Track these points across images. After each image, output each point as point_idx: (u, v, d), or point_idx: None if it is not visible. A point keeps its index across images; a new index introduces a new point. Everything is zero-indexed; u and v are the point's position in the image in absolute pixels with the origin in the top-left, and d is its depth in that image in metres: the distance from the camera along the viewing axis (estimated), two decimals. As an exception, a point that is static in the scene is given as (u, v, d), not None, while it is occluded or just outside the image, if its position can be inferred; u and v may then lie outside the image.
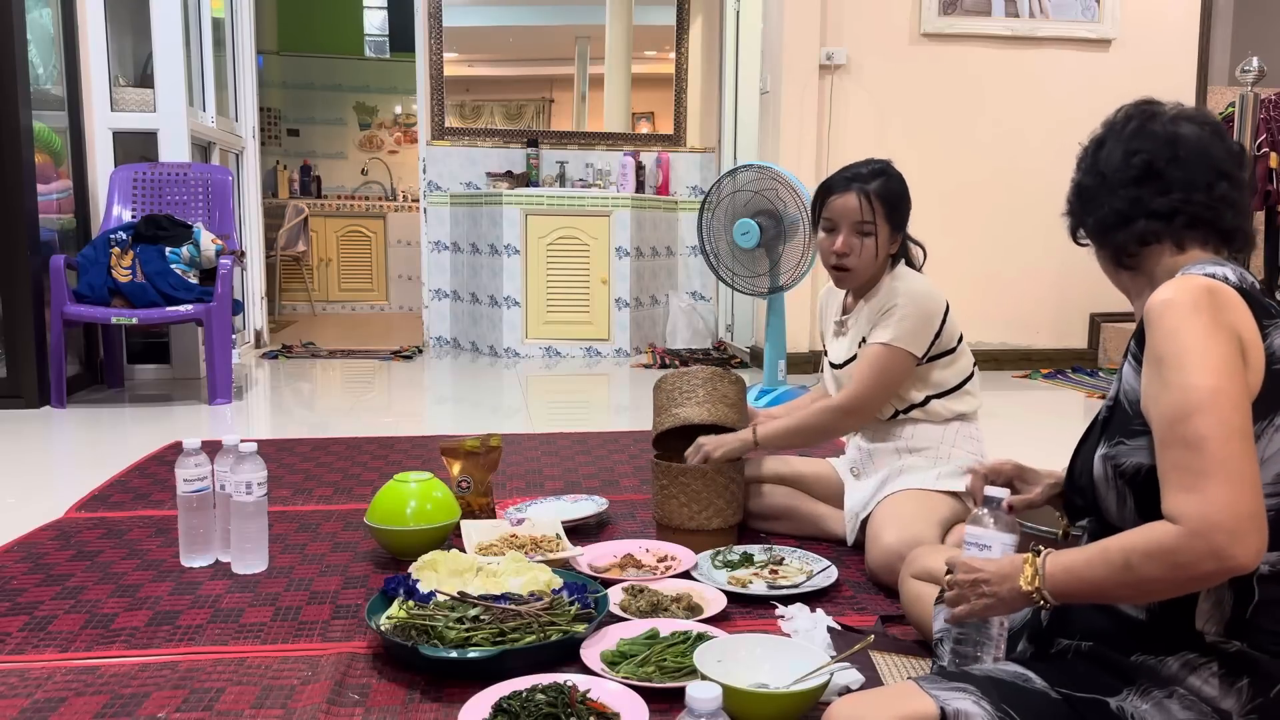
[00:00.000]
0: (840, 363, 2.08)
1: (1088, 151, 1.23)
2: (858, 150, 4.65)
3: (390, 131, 8.63)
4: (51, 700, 1.41)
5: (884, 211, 1.97)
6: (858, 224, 1.97)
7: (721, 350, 5.40)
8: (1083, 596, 1.07)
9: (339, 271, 8.12)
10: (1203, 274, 1.08)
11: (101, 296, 3.72)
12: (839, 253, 2.00)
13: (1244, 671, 1.03)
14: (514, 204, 5.18)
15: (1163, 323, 1.04)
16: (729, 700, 1.12)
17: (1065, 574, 1.06)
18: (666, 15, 5.88)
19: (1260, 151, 3.93)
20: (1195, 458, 0.99)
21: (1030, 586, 1.08)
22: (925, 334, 1.95)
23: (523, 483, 2.66)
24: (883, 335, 1.95)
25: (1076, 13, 4.72)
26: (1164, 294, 1.06)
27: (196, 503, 1.97)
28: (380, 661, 1.54)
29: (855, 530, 2.02)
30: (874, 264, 2.00)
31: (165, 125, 4.32)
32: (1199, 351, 1.01)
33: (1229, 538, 0.96)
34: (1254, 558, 0.97)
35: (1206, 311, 1.03)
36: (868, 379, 1.95)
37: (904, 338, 1.93)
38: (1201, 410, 0.99)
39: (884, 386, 1.96)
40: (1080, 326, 4.91)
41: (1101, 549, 1.04)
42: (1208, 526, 0.96)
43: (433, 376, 4.84)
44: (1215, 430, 0.98)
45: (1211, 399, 0.99)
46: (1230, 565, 0.96)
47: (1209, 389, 1.00)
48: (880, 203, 1.97)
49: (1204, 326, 1.02)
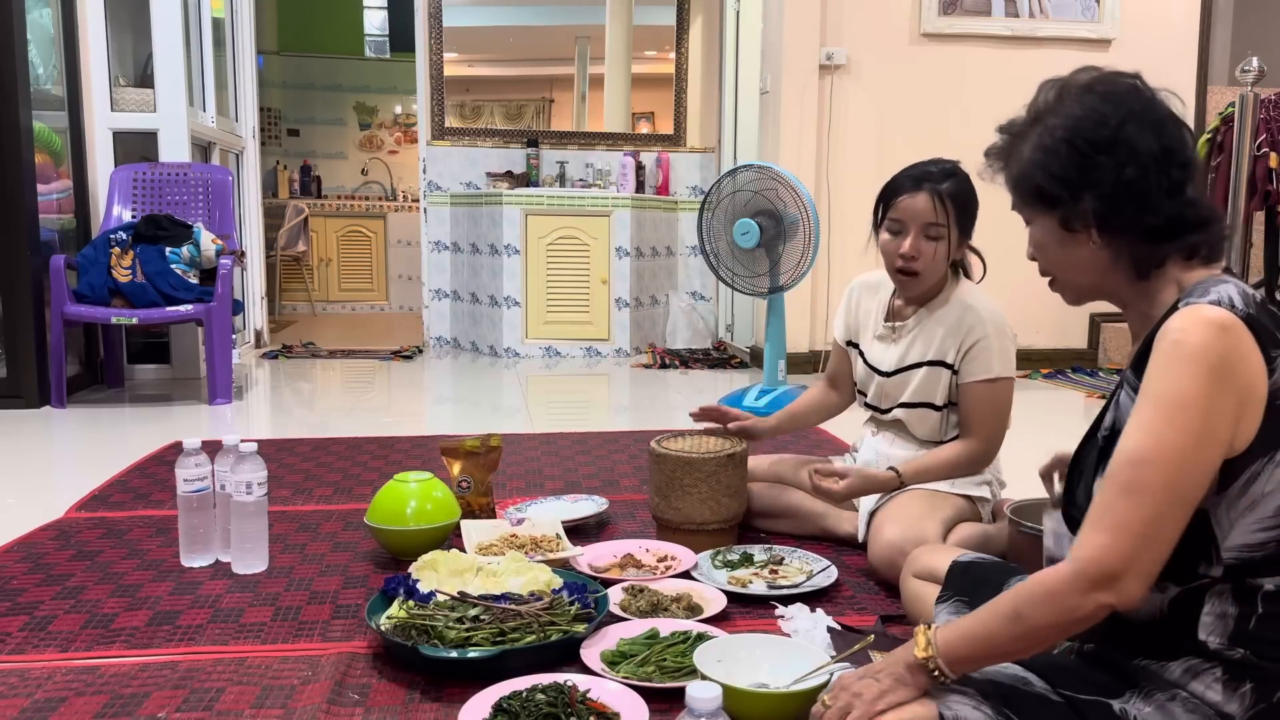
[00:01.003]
0: (890, 371, 2.01)
1: (1105, 123, 1.07)
2: (858, 150, 4.68)
3: (390, 131, 8.63)
4: (51, 700, 1.41)
5: (955, 214, 1.90)
6: (928, 226, 1.89)
7: (721, 350, 5.40)
8: (976, 658, 1.06)
9: (339, 271, 8.12)
10: (1211, 302, 1.01)
11: (101, 296, 3.72)
12: (907, 255, 1.90)
13: (1247, 677, 1.02)
14: (514, 204, 5.18)
15: (1166, 361, 1.00)
16: (729, 700, 1.12)
17: (959, 636, 1.06)
18: (666, 15, 5.88)
19: (1260, 151, 3.92)
20: (1126, 505, 0.98)
21: (924, 655, 1.06)
22: (1013, 355, 1.95)
23: (523, 483, 2.66)
24: (986, 372, 1.91)
25: (1076, 13, 4.72)
26: (1178, 331, 1.00)
27: (196, 503, 1.97)
28: (380, 661, 1.54)
29: (866, 527, 2.01)
30: (941, 267, 1.94)
31: (165, 125, 4.32)
32: (1187, 406, 0.98)
33: (1109, 580, 0.98)
34: (1128, 603, 0.98)
35: (1212, 361, 0.98)
36: (992, 418, 1.92)
37: (1006, 369, 1.93)
38: (1160, 465, 0.98)
39: (1005, 416, 1.95)
40: (1080, 326, 4.91)
41: (993, 606, 1.05)
42: (1093, 568, 0.98)
43: (433, 376, 4.84)
44: (1159, 490, 0.98)
45: (1176, 458, 0.98)
46: (1106, 603, 0.98)
47: (1176, 448, 0.98)
48: (953, 205, 1.89)
49: (1203, 379, 0.98)
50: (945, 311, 1.96)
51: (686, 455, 2.02)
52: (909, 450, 2.01)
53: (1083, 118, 1.08)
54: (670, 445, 2.09)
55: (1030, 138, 1.13)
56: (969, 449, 1.93)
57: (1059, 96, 1.12)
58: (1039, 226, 1.14)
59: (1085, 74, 1.12)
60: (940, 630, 1.07)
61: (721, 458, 2.01)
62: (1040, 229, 1.14)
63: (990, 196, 1.23)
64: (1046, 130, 1.11)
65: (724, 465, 2.01)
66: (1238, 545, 1.02)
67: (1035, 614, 1.01)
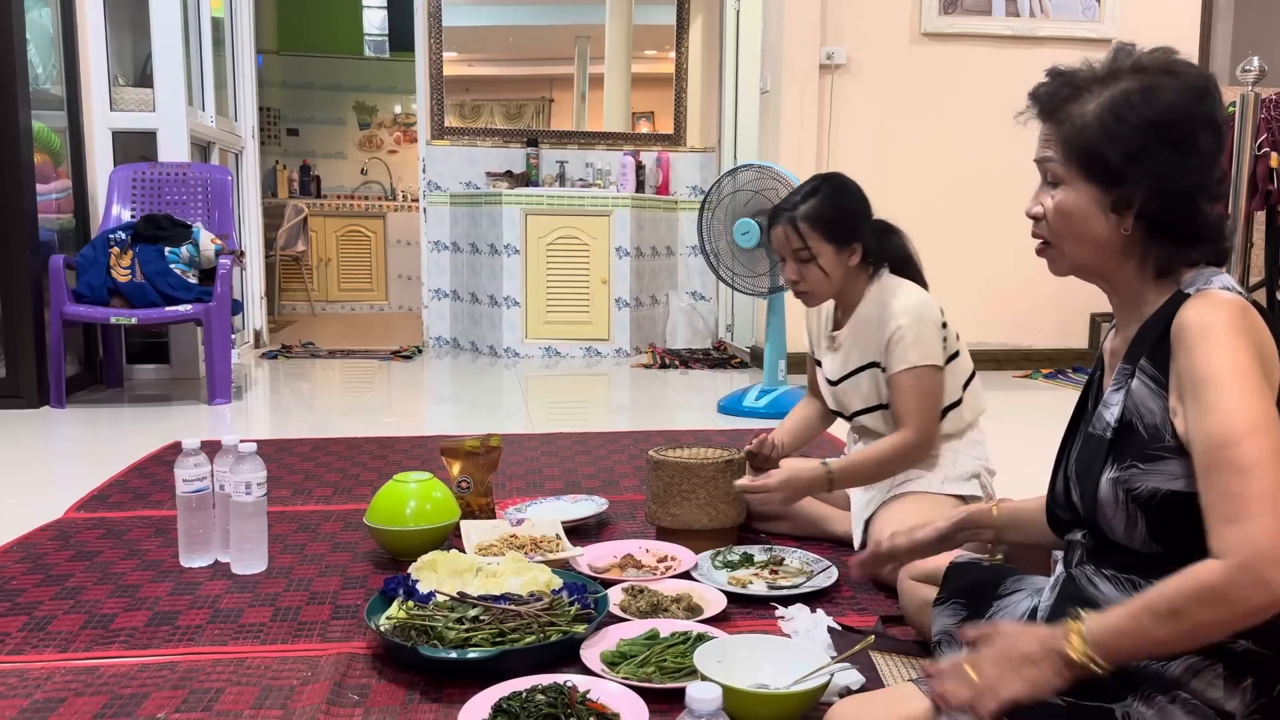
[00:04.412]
0: (836, 379, 2.07)
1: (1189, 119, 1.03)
2: (857, 150, 4.67)
3: (390, 131, 8.62)
4: (51, 700, 1.41)
5: (820, 233, 1.96)
6: (794, 253, 1.98)
7: (721, 350, 5.40)
8: (1134, 655, 1.00)
9: (339, 271, 8.12)
10: (1221, 287, 1.03)
11: (101, 296, 3.72)
12: (790, 281, 2.02)
13: (1249, 671, 1.02)
14: (514, 204, 5.18)
15: (1204, 344, 0.99)
16: (729, 700, 1.12)
17: (1111, 635, 0.99)
18: (666, 15, 5.87)
19: (1260, 151, 3.92)
20: (1243, 483, 0.94)
21: (1079, 655, 1.00)
22: (936, 341, 1.94)
23: (523, 483, 2.65)
24: (903, 363, 1.92)
25: (1077, 12, 4.72)
26: (1199, 315, 1.01)
27: (196, 503, 1.96)
28: (380, 662, 1.53)
29: (862, 534, 2.01)
30: (832, 282, 1.99)
31: (165, 125, 4.32)
32: (1244, 375, 0.97)
33: (1277, 569, 0.91)
34: None
35: (1245, 334, 0.99)
36: (917, 408, 1.92)
37: (926, 356, 1.92)
38: (1252, 434, 0.95)
39: (933, 407, 1.94)
40: (1080, 326, 4.91)
41: (1142, 603, 0.98)
42: (1256, 558, 0.92)
43: (432, 376, 4.84)
44: (1266, 456, 0.95)
45: (1262, 424, 0.96)
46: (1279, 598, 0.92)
47: (1259, 414, 0.96)
48: (811, 225, 1.96)
49: (1245, 351, 0.98)
50: (868, 313, 2.00)
51: (684, 461, 2.03)
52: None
53: (1168, 104, 1.04)
54: (668, 453, 2.12)
55: (1098, 98, 1.07)
56: (901, 440, 1.94)
57: (1136, 67, 1.07)
58: (1074, 192, 1.08)
59: (1160, 53, 1.08)
60: (1091, 627, 1.00)
61: (719, 464, 2.02)
62: (1074, 195, 1.08)
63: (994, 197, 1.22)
64: (1123, 99, 1.05)
65: (722, 471, 2.02)
66: None
67: (1199, 613, 0.95)
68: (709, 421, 3.60)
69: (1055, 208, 1.10)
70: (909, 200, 4.82)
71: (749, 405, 3.69)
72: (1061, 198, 1.10)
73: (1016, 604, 1.29)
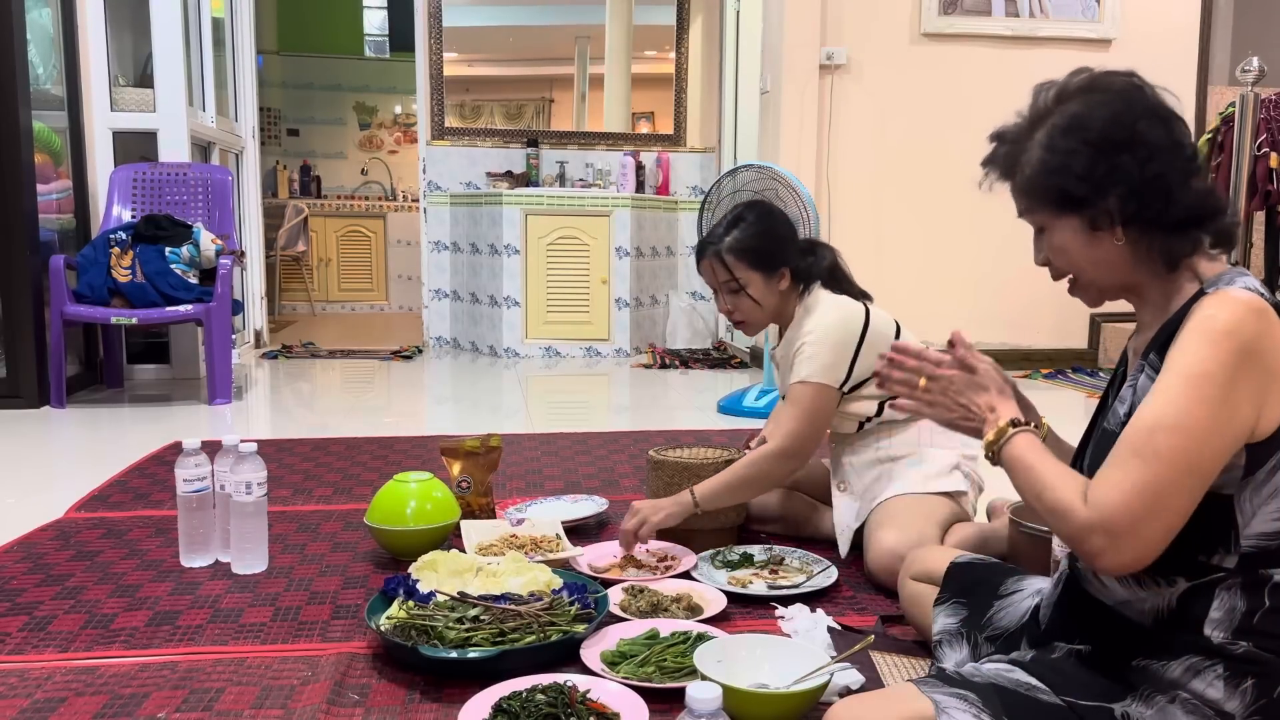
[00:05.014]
0: (783, 395, 2.07)
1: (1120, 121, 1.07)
2: (857, 150, 4.68)
3: (390, 131, 8.63)
4: (51, 700, 1.41)
5: (747, 262, 1.96)
6: (722, 284, 1.99)
7: (721, 350, 5.40)
8: (1012, 478, 1.13)
9: (339, 271, 8.12)
10: (1242, 287, 1.03)
11: (101, 296, 3.72)
12: (725, 312, 2.03)
13: (1249, 672, 1.02)
14: (514, 204, 5.18)
15: (1196, 337, 1.01)
16: (729, 700, 1.12)
17: (1015, 459, 1.12)
18: (666, 15, 5.88)
19: (1260, 151, 3.92)
20: (1141, 465, 0.99)
21: (993, 434, 1.15)
22: (840, 364, 1.92)
23: (523, 483, 2.66)
24: (795, 375, 1.93)
25: (1077, 12, 4.72)
26: (1211, 310, 1.02)
27: (196, 503, 1.96)
28: (380, 662, 1.53)
29: (848, 544, 2.00)
30: (765, 310, 2.00)
31: (165, 125, 4.32)
32: (1211, 379, 0.98)
33: (1110, 544, 0.99)
34: (1118, 570, 1.01)
35: (1243, 340, 0.99)
36: (794, 419, 1.91)
37: (818, 372, 1.91)
38: (1174, 432, 0.98)
39: (812, 424, 1.92)
40: (1080, 326, 4.91)
41: (1056, 470, 1.08)
42: (1103, 525, 1.00)
43: (433, 376, 4.84)
44: (1171, 456, 0.98)
45: (1192, 427, 0.98)
46: (1096, 565, 1.02)
47: (1193, 418, 0.98)
48: (736, 256, 1.96)
49: (1231, 356, 0.99)
50: (793, 328, 2.01)
51: (684, 461, 2.04)
52: (860, 455, 2.02)
53: (1096, 118, 1.08)
54: (668, 453, 2.12)
55: (1035, 143, 1.12)
56: (760, 455, 1.92)
57: (1059, 99, 1.12)
58: (1060, 230, 1.13)
59: (1080, 75, 1.13)
60: (1019, 439, 1.14)
61: (719, 464, 2.02)
62: (1061, 232, 1.13)
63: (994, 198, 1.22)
64: (1056, 133, 1.10)
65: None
66: (1257, 533, 1.02)
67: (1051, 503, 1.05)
68: (709, 421, 3.60)
69: (1054, 250, 1.15)
70: (909, 200, 4.83)
71: (749, 405, 3.69)
72: (1052, 239, 1.15)
73: (1017, 604, 1.29)
